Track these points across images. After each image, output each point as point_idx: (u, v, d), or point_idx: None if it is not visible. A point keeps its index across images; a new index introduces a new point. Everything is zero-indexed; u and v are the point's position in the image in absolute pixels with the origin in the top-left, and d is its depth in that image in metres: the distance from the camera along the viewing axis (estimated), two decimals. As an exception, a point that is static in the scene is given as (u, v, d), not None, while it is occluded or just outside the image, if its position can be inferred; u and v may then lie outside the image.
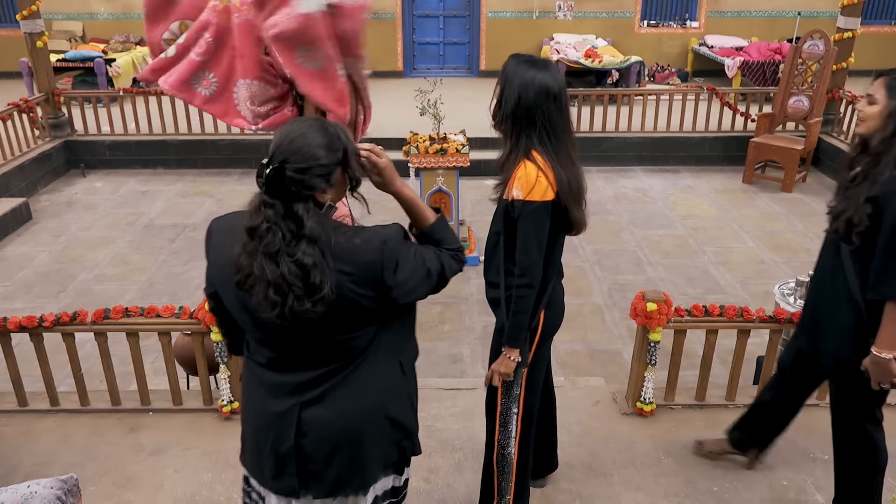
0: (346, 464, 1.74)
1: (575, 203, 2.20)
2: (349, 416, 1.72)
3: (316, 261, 1.53)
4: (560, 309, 2.43)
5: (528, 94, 2.10)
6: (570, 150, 2.21)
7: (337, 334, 1.66)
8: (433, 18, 11.32)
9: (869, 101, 2.26)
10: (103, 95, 7.91)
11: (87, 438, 3.19)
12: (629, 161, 7.87)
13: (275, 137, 1.60)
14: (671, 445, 3.14)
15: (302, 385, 1.70)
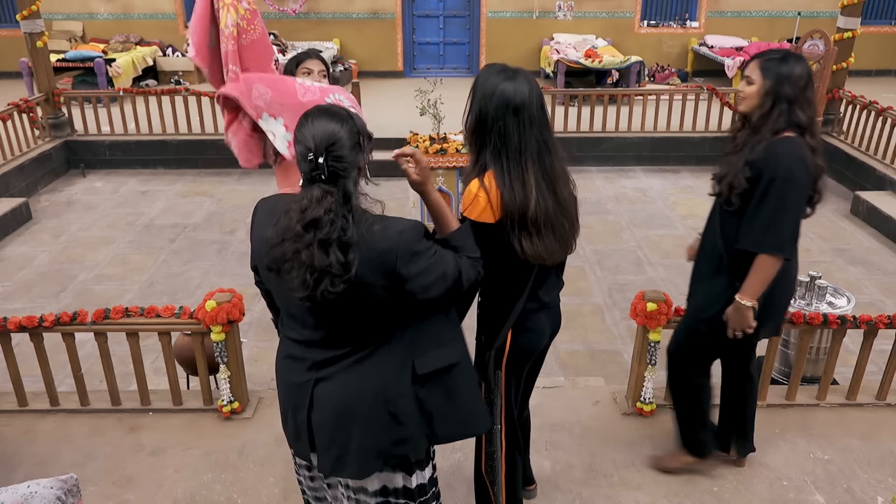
0: (344, 445, 1.84)
1: (525, 230, 1.99)
2: (349, 398, 1.82)
3: (356, 238, 1.67)
4: (533, 338, 2.25)
5: (486, 106, 1.96)
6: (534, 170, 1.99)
7: (351, 317, 1.77)
8: (433, 18, 11.32)
9: (747, 82, 2.50)
10: (103, 95, 7.91)
11: (87, 438, 3.19)
12: (629, 161, 7.87)
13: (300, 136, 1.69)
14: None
15: (319, 362, 1.84)
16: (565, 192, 2.09)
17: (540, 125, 2.00)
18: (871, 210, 6.22)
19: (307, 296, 1.67)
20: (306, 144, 1.66)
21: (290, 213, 1.67)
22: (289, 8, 10.91)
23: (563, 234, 2.09)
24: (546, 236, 2.02)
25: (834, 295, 3.53)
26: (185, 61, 10.73)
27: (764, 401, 3.38)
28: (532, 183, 1.98)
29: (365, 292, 1.72)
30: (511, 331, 2.21)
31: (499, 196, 1.98)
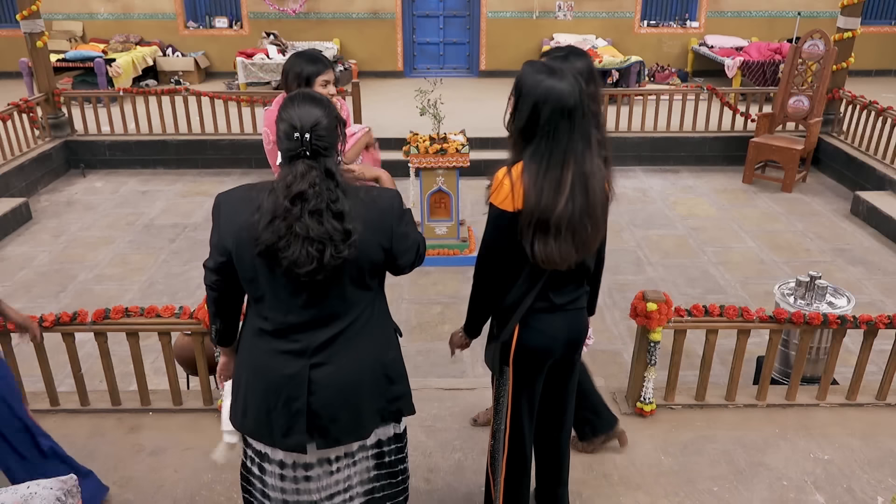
0: (347, 417, 1.92)
1: (538, 232, 1.98)
2: (352, 373, 1.91)
3: (349, 208, 1.76)
4: (541, 337, 2.20)
5: (540, 108, 1.95)
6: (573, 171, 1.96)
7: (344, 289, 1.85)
8: (433, 18, 11.31)
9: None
10: (103, 95, 7.90)
11: (87, 438, 3.19)
12: (629, 161, 7.87)
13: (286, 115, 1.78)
14: (671, 445, 3.14)
15: (312, 348, 1.87)
16: (598, 190, 2.05)
17: (586, 124, 2.00)
18: (871, 210, 6.22)
19: (314, 268, 1.72)
20: (291, 123, 1.76)
21: (276, 191, 1.74)
22: (289, 8, 10.91)
23: (584, 238, 2.04)
24: (564, 240, 2.00)
25: (834, 295, 3.53)
26: (184, 61, 10.73)
27: (764, 401, 3.38)
28: (567, 186, 1.96)
29: (364, 256, 1.83)
30: (518, 326, 2.18)
31: (521, 189, 1.98)
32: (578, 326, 2.29)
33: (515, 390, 2.29)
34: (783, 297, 3.52)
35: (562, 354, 2.28)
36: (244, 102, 7.75)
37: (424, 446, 3.11)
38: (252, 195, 1.82)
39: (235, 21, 11.23)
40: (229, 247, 1.86)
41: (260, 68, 9.66)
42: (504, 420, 2.34)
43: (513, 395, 2.29)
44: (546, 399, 2.42)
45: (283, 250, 1.73)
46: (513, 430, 2.36)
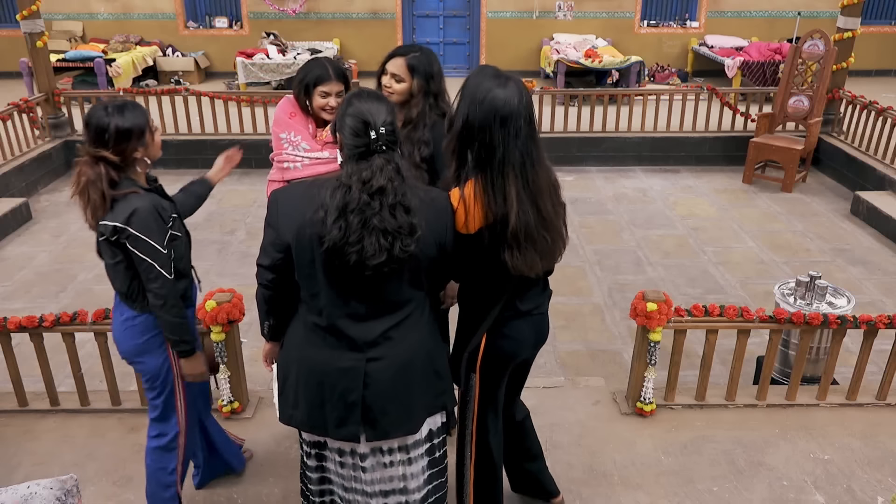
0: (397, 410, 1.96)
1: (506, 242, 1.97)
2: (405, 368, 1.96)
3: (416, 204, 1.82)
4: (512, 343, 2.21)
5: (475, 112, 1.92)
6: (514, 183, 1.94)
7: (400, 282, 1.89)
8: (433, 18, 11.32)
9: (397, 81, 2.54)
10: (103, 95, 7.90)
11: (87, 438, 3.19)
12: (629, 161, 7.86)
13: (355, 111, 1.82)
14: (671, 445, 3.14)
15: (365, 343, 1.92)
16: (549, 206, 2.02)
17: (526, 138, 1.95)
18: (871, 210, 6.22)
19: (384, 260, 1.78)
20: (364, 119, 1.79)
21: (349, 187, 1.78)
22: (289, 8, 10.91)
23: (546, 248, 2.04)
24: (527, 249, 1.99)
25: (834, 295, 3.53)
26: (184, 61, 10.73)
27: (764, 401, 3.38)
28: (513, 196, 1.94)
29: (423, 254, 1.87)
30: (486, 335, 2.18)
31: (480, 206, 1.95)
32: (543, 329, 2.32)
33: (482, 397, 2.29)
34: (783, 297, 3.52)
35: (526, 356, 2.33)
36: (244, 102, 7.75)
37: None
38: (312, 192, 1.85)
39: (235, 21, 11.23)
40: (290, 243, 1.89)
41: (260, 68, 9.66)
42: (470, 426, 2.33)
43: (479, 401, 2.29)
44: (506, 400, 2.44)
45: (353, 244, 1.77)
46: (479, 435, 2.34)
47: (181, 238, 2.35)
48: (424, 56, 2.55)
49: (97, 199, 2.14)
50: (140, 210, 2.15)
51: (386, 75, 2.56)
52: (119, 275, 2.28)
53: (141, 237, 2.15)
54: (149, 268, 2.18)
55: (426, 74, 2.54)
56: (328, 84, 2.57)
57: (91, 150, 2.15)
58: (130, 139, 2.17)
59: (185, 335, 2.30)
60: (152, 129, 2.26)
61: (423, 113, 2.54)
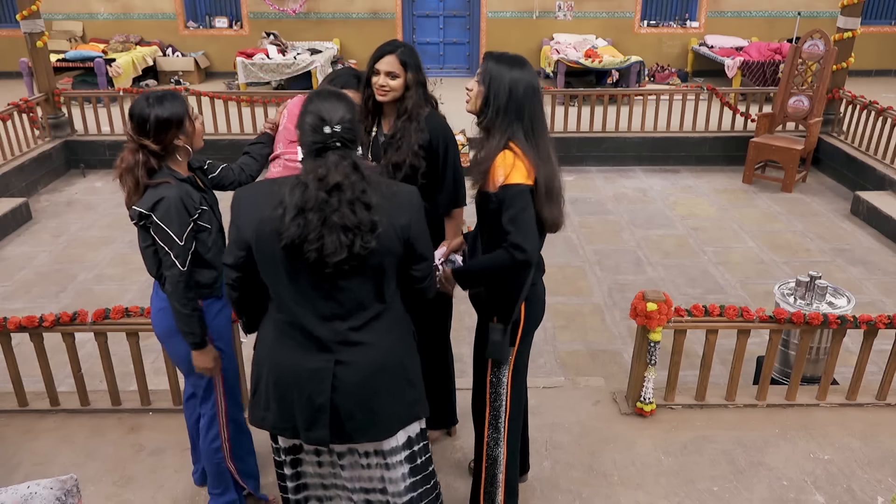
0: (363, 417, 1.95)
1: (547, 199, 2.17)
2: (374, 375, 1.94)
3: (377, 200, 1.81)
4: (541, 305, 2.42)
5: (518, 89, 2.14)
6: (549, 146, 2.22)
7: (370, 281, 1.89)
8: (433, 18, 11.31)
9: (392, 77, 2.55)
10: (103, 95, 7.90)
11: (87, 438, 3.19)
12: (629, 161, 7.86)
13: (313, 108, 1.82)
14: (671, 445, 3.14)
15: (333, 344, 1.91)
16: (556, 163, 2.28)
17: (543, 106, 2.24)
18: (871, 210, 6.22)
19: (345, 257, 1.77)
20: (321, 116, 1.80)
21: (306, 184, 1.77)
22: (289, 8, 10.91)
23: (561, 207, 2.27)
24: (558, 204, 2.22)
25: (834, 295, 3.53)
26: (184, 61, 10.73)
27: (764, 401, 3.38)
28: (552, 156, 2.21)
29: (386, 251, 1.86)
30: (525, 303, 2.30)
31: (531, 163, 2.14)
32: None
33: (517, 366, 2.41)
34: (783, 297, 3.52)
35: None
36: (244, 102, 7.75)
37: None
38: (273, 189, 1.85)
39: (235, 21, 11.23)
40: (250, 241, 1.88)
41: (260, 68, 9.66)
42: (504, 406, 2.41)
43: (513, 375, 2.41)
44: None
45: (312, 242, 1.76)
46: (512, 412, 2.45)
47: (209, 230, 2.38)
48: (409, 49, 2.59)
49: (132, 185, 2.26)
50: (166, 199, 2.22)
51: (378, 75, 2.55)
52: (149, 258, 2.36)
53: (161, 226, 2.23)
54: (165, 256, 2.26)
55: (416, 67, 2.58)
56: (353, 91, 2.61)
57: (134, 138, 2.25)
58: (170, 128, 2.26)
59: (193, 327, 2.33)
60: (192, 118, 2.34)
61: (418, 103, 2.57)
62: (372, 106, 2.62)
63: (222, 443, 2.58)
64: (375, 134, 2.66)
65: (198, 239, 2.33)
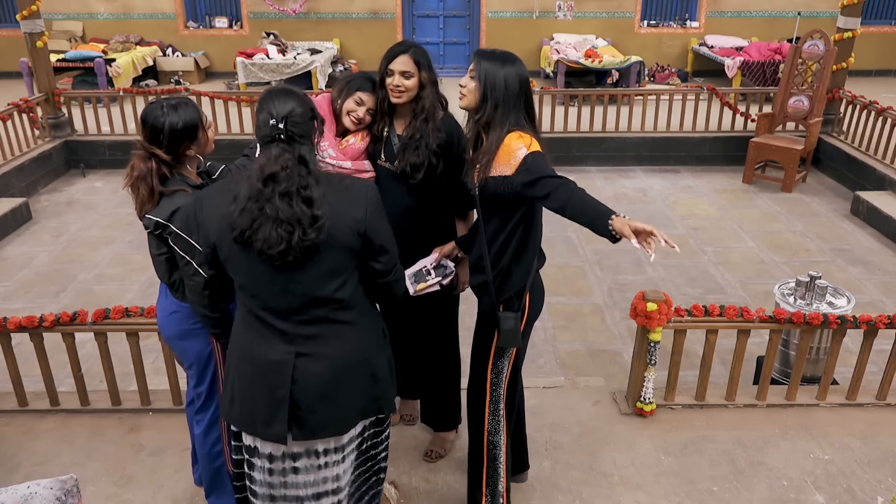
0: (326, 411, 1.94)
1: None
2: (336, 368, 1.94)
3: (319, 195, 1.81)
4: (542, 295, 2.49)
5: (513, 82, 2.21)
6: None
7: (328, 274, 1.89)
8: (433, 18, 11.32)
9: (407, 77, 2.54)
10: (103, 95, 7.91)
11: (87, 438, 3.19)
12: (629, 161, 7.86)
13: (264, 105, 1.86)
14: (671, 445, 3.14)
15: (295, 336, 1.91)
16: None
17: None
18: (871, 210, 6.22)
19: (283, 249, 1.78)
20: (269, 111, 1.83)
21: (251, 176, 1.81)
22: (289, 8, 10.91)
23: None
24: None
25: (834, 295, 3.53)
26: (184, 61, 10.73)
27: (764, 401, 3.38)
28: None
29: (338, 244, 1.86)
30: (529, 293, 2.36)
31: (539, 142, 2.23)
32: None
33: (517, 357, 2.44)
34: (783, 297, 3.52)
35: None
36: (244, 102, 7.75)
37: (424, 446, 3.11)
38: (231, 186, 1.88)
39: (235, 21, 11.23)
40: (212, 238, 1.91)
41: (260, 68, 9.66)
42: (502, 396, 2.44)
43: (514, 364, 2.44)
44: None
45: (256, 233, 1.79)
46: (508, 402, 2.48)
47: None
48: (421, 49, 2.59)
49: (146, 193, 2.22)
50: (183, 208, 2.20)
51: (392, 76, 2.53)
52: (161, 266, 2.34)
53: (181, 235, 2.20)
54: (187, 265, 2.22)
55: (429, 66, 2.58)
56: (367, 94, 2.60)
57: (145, 146, 2.21)
58: (184, 139, 2.22)
59: (224, 327, 2.27)
60: (205, 126, 2.31)
61: (433, 103, 2.58)
62: (387, 107, 2.62)
63: (223, 446, 2.57)
64: (388, 134, 2.65)
65: None
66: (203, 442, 2.56)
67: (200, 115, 2.27)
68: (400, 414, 3.23)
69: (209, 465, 2.59)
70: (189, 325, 2.36)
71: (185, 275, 2.24)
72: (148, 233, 2.28)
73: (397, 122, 2.66)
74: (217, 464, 2.58)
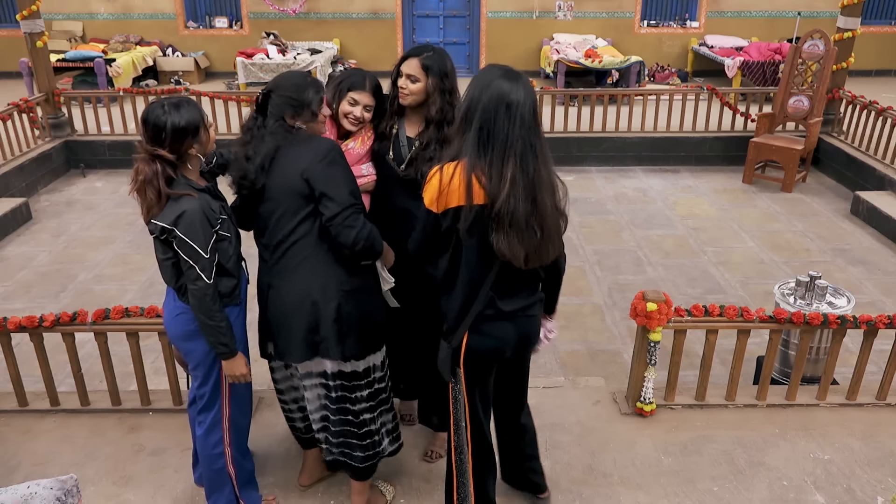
0: (284, 337, 2.43)
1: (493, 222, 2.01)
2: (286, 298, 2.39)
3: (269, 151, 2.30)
4: (491, 341, 2.22)
5: (481, 95, 2.02)
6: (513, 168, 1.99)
7: (288, 214, 2.31)
8: (433, 18, 11.32)
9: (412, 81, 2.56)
10: (103, 95, 7.91)
11: (87, 438, 3.19)
12: (629, 161, 7.87)
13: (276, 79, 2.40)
14: (671, 445, 3.14)
15: (269, 269, 2.42)
16: (547, 202, 2.06)
17: (529, 128, 2.01)
18: (871, 210, 6.22)
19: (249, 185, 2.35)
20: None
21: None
22: (289, 8, 10.91)
23: (534, 243, 2.05)
24: (511, 235, 2.02)
25: (834, 295, 3.53)
26: (184, 61, 10.73)
27: (764, 401, 3.38)
28: (508, 178, 1.99)
29: (289, 187, 2.28)
30: (467, 333, 2.20)
31: (464, 184, 2.01)
32: (529, 330, 2.31)
33: (469, 390, 2.32)
34: (783, 297, 3.52)
35: (512, 354, 2.33)
36: (244, 102, 7.75)
37: (423, 446, 3.11)
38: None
39: (235, 21, 11.23)
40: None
41: (260, 68, 9.66)
42: (463, 417, 2.35)
43: (467, 394, 2.32)
44: (501, 389, 2.49)
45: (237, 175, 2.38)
46: (473, 425, 2.38)
47: (229, 238, 2.35)
48: (437, 55, 2.57)
49: (153, 197, 2.20)
50: (188, 213, 2.19)
51: (401, 77, 2.56)
52: (167, 270, 2.34)
53: (186, 240, 2.19)
54: (190, 269, 2.22)
55: (440, 73, 2.55)
56: (361, 93, 2.57)
57: (148, 148, 2.19)
58: (186, 137, 2.21)
59: (220, 337, 2.31)
60: (207, 125, 2.30)
61: (442, 110, 2.55)
62: (396, 107, 2.63)
63: (224, 447, 2.56)
64: (398, 132, 2.64)
65: (219, 249, 2.31)
66: (204, 443, 2.55)
67: (202, 113, 2.27)
68: (399, 414, 3.23)
69: (210, 467, 2.59)
70: (195, 327, 2.36)
71: (187, 279, 2.24)
72: (154, 237, 2.28)
73: (408, 123, 2.65)
74: (218, 465, 2.58)
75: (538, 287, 2.30)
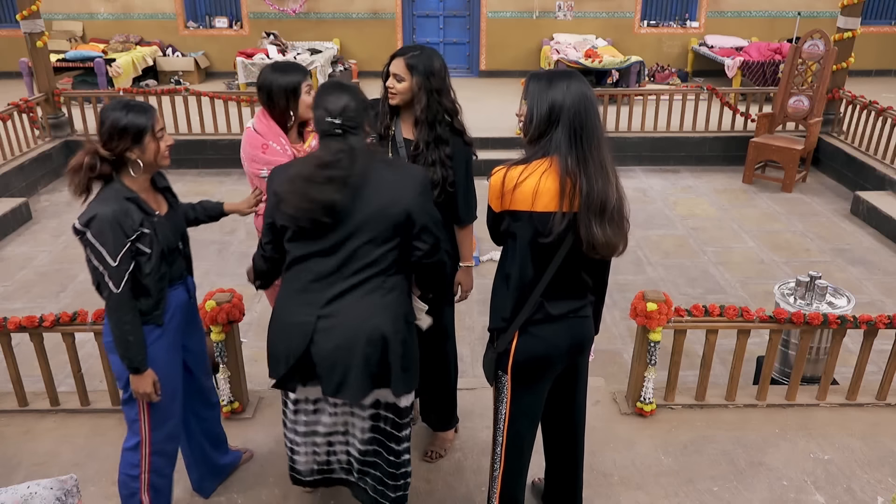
0: (339, 372, 2.17)
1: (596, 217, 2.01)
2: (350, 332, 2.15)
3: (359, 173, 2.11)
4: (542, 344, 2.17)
5: (563, 97, 2.01)
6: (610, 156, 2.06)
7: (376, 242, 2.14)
8: (433, 18, 11.32)
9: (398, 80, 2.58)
10: (103, 95, 7.90)
11: (87, 438, 3.19)
12: (629, 161, 7.87)
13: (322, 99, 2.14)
14: (671, 445, 3.15)
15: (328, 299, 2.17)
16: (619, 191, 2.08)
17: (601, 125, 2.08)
18: (871, 210, 6.22)
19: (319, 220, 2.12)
20: (325, 107, 2.11)
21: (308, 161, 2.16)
22: (289, 8, 10.91)
23: (623, 231, 2.06)
24: (605, 227, 2.01)
25: (834, 295, 3.53)
26: (184, 61, 10.73)
27: (764, 401, 3.39)
28: (608, 170, 2.03)
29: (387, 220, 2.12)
30: (517, 334, 2.15)
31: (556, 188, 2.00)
32: (582, 332, 2.23)
33: (514, 400, 2.25)
34: (783, 297, 3.52)
35: (565, 363, 2.25)
36: (244, 102, 7.75)
37: (424, 446, 3.11)
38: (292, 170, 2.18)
39: (235, 21, 11.23)
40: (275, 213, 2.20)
41: (260, 68, 9.65)
42: (501, 432, 2.31)
43: (511, 405, 2.25)
44: (553, 413, 2.40)
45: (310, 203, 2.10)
46: (509, 442, 2.31)
47: (148, 255, 2.21)
48: (424, 54, 2.59)
49: (75, 189, 2.17)
50: (100, 216, 2.10)
51: (389, 77, 2.60)
52: (91, 273, 2.23)
53: (94, 244, 2.12)
54: (98, 275, 2.15)
55: (425, 72, 2.57)
56: (308, 81, 2.71)
57: (92, 140, 2.18)
58: (123, 138, 2.14)
59: (127, 351, 2.21)
60: (156, 134, 2.20)
61: (427, 109, 2.57)
62: (388, 107, 2.66)
63: (141, 473, 2.42)
64: (394, 134, 2.67)
65: (136, 262, 2.18)
66: (123, 460, 2.43)
67: (154, 122, 2.19)
68: None
69: (124, 488, 2.46)
70: (112, 338, 2.25)
71: (100, 286, 2.17)
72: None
73: (404, 124, 2.68)
74: (131, 489, 2.42)
75: (587, 293, 2.24)
